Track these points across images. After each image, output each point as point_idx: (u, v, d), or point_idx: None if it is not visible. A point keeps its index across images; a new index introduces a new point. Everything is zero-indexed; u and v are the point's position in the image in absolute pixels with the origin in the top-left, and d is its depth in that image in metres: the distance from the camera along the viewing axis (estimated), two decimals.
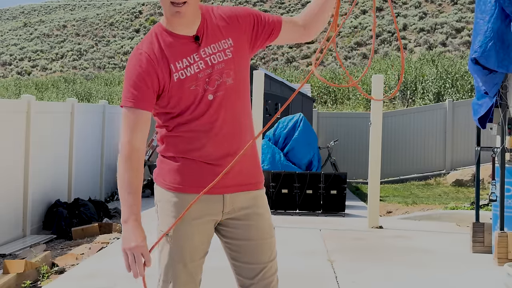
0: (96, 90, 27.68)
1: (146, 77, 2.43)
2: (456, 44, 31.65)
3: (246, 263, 2.59)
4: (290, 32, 2.65)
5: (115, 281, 5.36)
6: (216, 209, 2.54)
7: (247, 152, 2.55)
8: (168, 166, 2.55)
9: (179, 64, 2.46)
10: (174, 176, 2.53)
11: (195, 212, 2.51)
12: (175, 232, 2.51)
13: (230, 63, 2.53)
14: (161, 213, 2.57)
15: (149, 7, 55.07)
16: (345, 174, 9.76)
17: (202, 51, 2.50)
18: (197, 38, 2.50)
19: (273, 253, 2.66)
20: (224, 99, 2.49)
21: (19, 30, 55.63)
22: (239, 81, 2.55)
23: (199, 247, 2.55)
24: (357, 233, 7.87)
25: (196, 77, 2.47)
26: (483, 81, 6.04)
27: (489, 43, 5.75)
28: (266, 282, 2.61)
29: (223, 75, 2.50)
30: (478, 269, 5.94)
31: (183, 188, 2.51)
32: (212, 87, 2.48)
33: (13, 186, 7.55)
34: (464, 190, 13.17)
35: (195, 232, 2.52)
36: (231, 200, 2.55)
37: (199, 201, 2.49)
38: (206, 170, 2.50)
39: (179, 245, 2.52)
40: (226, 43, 2.54)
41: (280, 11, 46.87)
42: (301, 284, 5.35)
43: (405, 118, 15.21)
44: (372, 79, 8.42)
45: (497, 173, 6.30)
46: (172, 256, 2.52)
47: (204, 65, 2.49)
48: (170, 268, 2.53)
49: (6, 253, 6.89)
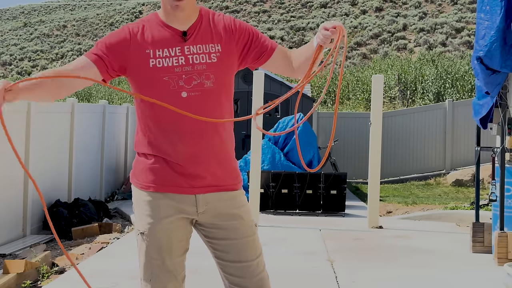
0: (96, 90, 27.68)
1: (116, 44, 2.50)
2: (456, 44, 31.65)
3: (232, 262, 2.60)
4: (281, 62, 2.66)
5: (115, 281, 5.36)
6: (189, 208, 2.56)
7: (221, 155, 2.57)
8: (141, 165, 2.58)
9: (159, 52, 2.50)
10: (146, 175, 2.56)
11: (168, 210, 2.54)
12: (150, 230, 2.54)
13: (213, 67, 2.53)
14: (136, 212, 2.62)
15: (149, 7, 55.08)
16: (345, 174, 9.76)
17: (187, 47, 2.52)
18: (185, 34, 2.53)
19: (258, 250, 2.64)
20: (199, 100, 2.49)
21: (19, 30, 55.64)
22: (220, 86, 2.55)
23: (176, 244, 2.56)
24: (357, 233, 7.87)
25: (173, 70, 2.49)
26: (485, 82, 6.04)
27: (494, 43, 5.75)
28: (257, 279, 2.61)
29: (202, 77, 2.51)
30: (478, 269, 5.94)
31: (155, 187, 2.54)
32: (188, 86, 2.49)
33: (13, 186, 7.55)
34: (464, 190, 13.17)
35: (169, 230, 2.54)
36: (204, 200, 2.56)
37: (171, 199, 2.53)
38: (177, 170, 2.52)
39: (155, 243, 2.53)
40: (214, 47, 2.56)
41: (280, 11, 46.88)
42: (301, 284, 5.35)
43: (405, 118, 15.21)
44: (372, 79, 8.42)
45: (497, 173, 6.30)
46: (150, 254, 2.54)
47: (184, 61, 2.51)
48: (148, 267, 2.55)
49: (6, 253, 6.89)
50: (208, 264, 2.64)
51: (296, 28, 40.74)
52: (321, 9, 45.16)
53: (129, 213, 9.29)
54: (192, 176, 2.52)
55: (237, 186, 2.65)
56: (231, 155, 2.64)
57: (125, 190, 11.46)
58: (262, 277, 2.63)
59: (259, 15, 46.97)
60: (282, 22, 43.61)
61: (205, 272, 5.24)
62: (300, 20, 42.91)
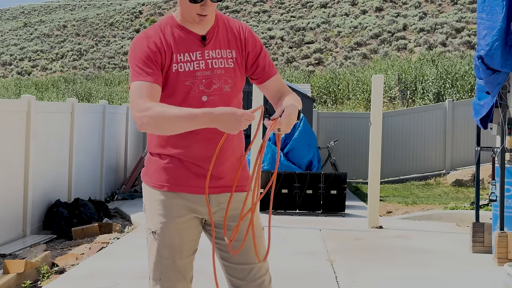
0: (96, 90, 27.68)
1: (154, 57, 2.45)
2: (456, 44, 31.65)
3: (237, 264, 2.60)
4: (268, 91, 2.70)
5: (115, 281, 5.36)
6: (202, 208, 2.56)
7: (235, 156, 2.59)
8: (155, 164, 2.58)
9: (180, 56, 2.50)
10: (160, 175, 2.55)
11: (180, 210, 2.54)
12: (163, 229, 2.53)
13: (231, 72, 2.57)
14: (148, 211, 2.60)
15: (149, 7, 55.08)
16: (345, 174, 9.76)
17: (206, 52, 2.54)
18: (204, 38, 2.54)
19: (262, 253, 2.65)
20: (218, 104, 2.50)
21: (19, 30, 55.64)
22: (236, 91, 2.59)
23: (187, 244, 2.56)
24: (357, 233, 7.87)
25: (194, 74, 2.50)
26: (486, 81, 6.04)
27: (496, 42, 5.75)
28: (258, 282, 2.61)
29: (221, 81, 2.54)
30: (478, 269, 5.94)
31: (169, 187, 2.54)
32: (208, 90, 2.51)
33: (13, 186, 7.55)
34: (464, 190, 13.17)
35: (182, 229, 2.54)
36: (217, 200, 2.57)
37: (184, 199, 2.53)
38: (191, 170, 2.52)
39: (167, 243, 2.53)
40: (231, 53, 2.59)
41: (280, 11, 46.88)
42: (301, 284, 5.35)
43: (405, 118, 15.20)
44: (372, 79, 8.42)
45: (497, 173, 6.30)
46: (160, 253, 2.54)
47: (204, 65, 2.52)
48: (158, 266, 2.55)
49: (6, 253, 6.88)
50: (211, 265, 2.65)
51: (296, 28, 40.74)
52: (321, 9, 45.16)
53: (129, 213, 9.28)
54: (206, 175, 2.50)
55: (248, 188, 2.66)
56: (245, 156, 2.68)
57: (125, 190, 11.47)
58: (264, 280, 2.63)
59: (259, 15, 46.97)
60: (282, 22, 43.61)
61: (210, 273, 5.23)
62: (300, 20, 42.90)
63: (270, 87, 2.68)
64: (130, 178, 11.61)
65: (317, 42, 37.57)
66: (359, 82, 22.48)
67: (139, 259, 6.18)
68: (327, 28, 39.75)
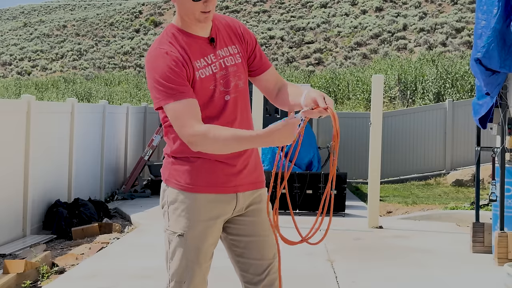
0: (96, 90, 27.67)
1: (180, 72, 2.45)
2: (456, 44, 31.64)
3: (254, 259, 2.64)
4: (266, 84, 2.71)
5: (115, 281, 5.36)
6: (229, 208, 2.59)
7: (254, 152, 2.66)
8: (183, 167, 2.56)
9: (198, 63, 2.52)
10: (187, 177, 2.55)
11: (211, 213, 2.55)
12: (190, 233, 2.52)
13: (241, 67, 2.61)
14: (173, 214, 2.58)
15: (149, 7, 55.05)
16: (345, 174, 9.76)
17: (218, 53, 2.57)
18: (212, 40, 2.57)
19: (275, 249, 2.76)
20: (238, 100, 2.58)
21: (19, 30, 55.63)
22: (246, 85, 2.65)
23: (210, 248, 2.59)
24: (357, 233, 7.87)
25: (214, 77, 2.53)
26: (485, 82, 6.04)
27: (492, 43, 5.75)
28: (273, 277, 2.67)
29: (236, 78, 2.58)
30: (478, 269, 5.94)
31: (197, 188, 2.54)
32: (228, 88, 2.56)
33: (13, 186, 7.55)
34: (464, 190, 13.17)
35: (208, 233, 2.56)
36: (243, 198, 2.62)
37: (213, 201, 2.53)
38: (218, 169, 2.55)
39: (195, 246, 2.53)
40: (235, 49, 2.62)
41: (280, 11, 46.87)
42: (301, 284, 5.35)
43: (405, 118, 15.20)
44: (372, 79, 8.42)
45: (497, 173, 6.30)
46: (188, 257, 2.53)
47: (219, 66, 2.55)
48: (186, 270, 2.53)
49: (6, 253, 6.88)
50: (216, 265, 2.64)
51: (296, 28, 40.73)
52: (321, 9, 45.15)
53: (129, 213, 9.28)
54: (235, 173, 2.56)
55: (264, 183, 2.77)
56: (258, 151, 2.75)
57: (125, 190, 11.46)
58: (275, 277, 2.70)
59: (259, 15, 46.96)
60: (282, 22, 43.60)
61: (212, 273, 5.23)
62: (300, 20, 42.90)
63: (269, 78, 2.71)
64: (130, 178, 11.61)
65: (317, 42, 37.56)
66: (359, 82, 22.47)
67: (139, 259, 6.18)
68: (327, 28, 39.74)
